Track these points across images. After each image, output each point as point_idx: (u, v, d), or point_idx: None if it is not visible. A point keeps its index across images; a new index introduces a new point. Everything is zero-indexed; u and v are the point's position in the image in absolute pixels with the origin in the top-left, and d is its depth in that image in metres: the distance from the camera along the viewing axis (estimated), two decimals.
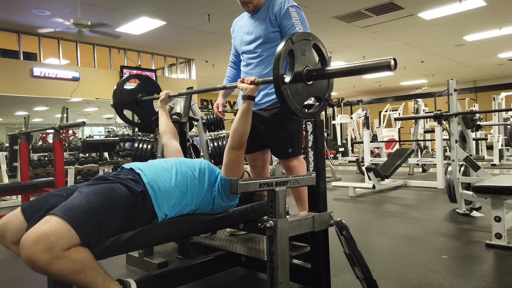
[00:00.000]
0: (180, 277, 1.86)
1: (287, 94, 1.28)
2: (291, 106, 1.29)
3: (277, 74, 1.27)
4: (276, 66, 1.27)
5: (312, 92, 1.40)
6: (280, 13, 2.20)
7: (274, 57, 1.30)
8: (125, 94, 2.39)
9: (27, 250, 1.15)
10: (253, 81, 1.66)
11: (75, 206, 1.27)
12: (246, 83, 1.67)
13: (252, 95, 1.66)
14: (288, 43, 1.32)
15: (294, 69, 1.32)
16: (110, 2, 6.14)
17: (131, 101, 2.40)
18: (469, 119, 3.98)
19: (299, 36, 1.37)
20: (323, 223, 1.58)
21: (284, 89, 1.27)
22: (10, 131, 7.51)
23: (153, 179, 1.52)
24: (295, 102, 1.31)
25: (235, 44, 2.49)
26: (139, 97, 2.41)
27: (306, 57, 1.37)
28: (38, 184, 4.14)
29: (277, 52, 1.30)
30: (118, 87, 2.36)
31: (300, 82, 1.34)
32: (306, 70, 1.35)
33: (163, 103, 2.23)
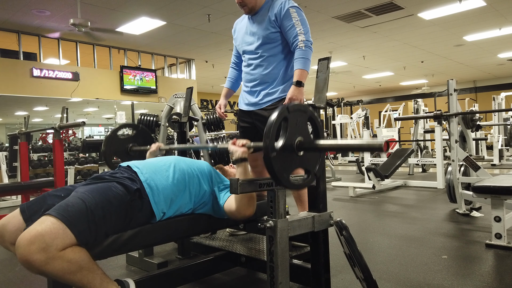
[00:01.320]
0: (180, 277, 1.86)
1: (275, 162, 1.25)
2: (277, 174, 1.26)
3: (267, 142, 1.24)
4: (267, 132, 1.25)
5: (302, 164, 1.37)
6: (281, 14, 2.20)
7: (267, 124, 1.27)
8: (117, 142, 2.37)
9: (22, 250, 1.15)
10: (244, 144, 1.60)
11: (70, 205, 1.27)
12: (237, 145, 1.61)
13: (244, 157, 1.59)
14: (284, 111, 1.30)
15: (286, 138, 1.29)
16: (110, 2, 6.13)
17: (122, 151, 2.37)
18: (469, 119, 3.98)
19: (295, 107, 1.35)
20: (323, 223, 1.58)
21: (273, 156, 1.24)
22: (10, 131, 7.50)
23: (150, 177, 1.52)
24: (283, 171, 1.28)
25: (236, 45, 2.50)
26: (130, 146, 2.38)
27: (300, 128, 1.35)
28: (38, 184, 4.14)
29: (271, 119, 1.27)
30: (111, 134, 2.35)
31: (290, 151, 1.31)
32: (298, 141, 1.33)
33: (152, 155, 2.15)
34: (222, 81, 12.58)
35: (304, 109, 1.39)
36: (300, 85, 2.15)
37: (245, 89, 2.44)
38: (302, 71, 2.16)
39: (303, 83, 2.16)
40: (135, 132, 2.44)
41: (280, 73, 2.30)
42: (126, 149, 2.38)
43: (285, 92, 2.26)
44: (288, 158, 1.31)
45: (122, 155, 2.38)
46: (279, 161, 1.27)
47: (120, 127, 2.46)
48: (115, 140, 2.36)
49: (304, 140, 1.34)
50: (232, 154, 1.60)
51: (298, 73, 2.16)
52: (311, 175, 1.40)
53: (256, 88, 2.35)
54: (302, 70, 2.16)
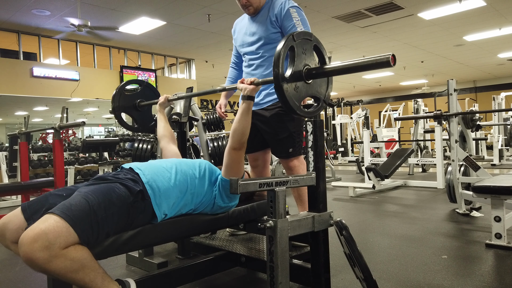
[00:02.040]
0: (180, 277, 1.86)
1: (286, 91, 1.29)
2: (290, 103, 1.30)
3: (278, 71, 1.27)
4: (276, 61, 1.28)
5: (311, 92, 1.40)
6: (281, 14, 2.20)
7: (275, 53, 1.30)
8: (125, 98, 2.40)
9: (26, 248, 1.15)
10: (252, 81, 1.66)
11: (74, 205, 1.27)
12: (245, 83, 1.67)
13: (252, 95, 1.67)
14: (290, 39, 1.32)
15: (294, 66, 1.33)
16: (110, 2, 6.14)
17: (130, 106, 2.41)
18: (469, 119, 3.98)
19: (301, 35, 1.37)
20: (323, 223, 1.58)
21: (284, 86, 1.28)
22: (10, 131, 7.50)
23: (152, 178, 1.52)
24: (294, 99, 1.32)
25: (237, 45, 2.50)
26: (138, 102, 2.42)
27: (307, 56, 1.38)
28: (38, 184, 4.14)
29: (278, 49, 1.30)
30: (118, 91, 2.37)
31: (299, 80, 1.35)
32: (306, 69, 1.36)
33: (161, 107, 2.23)
34: (222, 81, 12.58)
35: (309, 36, 1.41)
36: None
37: None
38: None
39: None
40: (140, 88, 2.46)
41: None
42: (134, 104, 2.41)
43: None
44: (298, 87, 1.34)
45: (131, 110, 2.41)
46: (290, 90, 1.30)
47: (126, 83, 2.48)
48: (122, 97, 2.38)
49: (311, 67, 1.35)
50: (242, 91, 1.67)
51: None
52: (321, 102, 1.42)
53: None
54: None
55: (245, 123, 1.67)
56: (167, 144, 2.10)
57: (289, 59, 1.34)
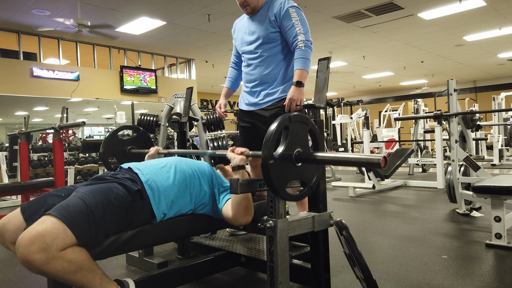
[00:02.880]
0: (180, 277, 1.86)
1: (272, 170, 1.25)
2: (273, 182, 1.25)
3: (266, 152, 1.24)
4: (267, 141, 1.24)
5: (299, 175, 1.37)
6: (280, 14, 2.20)
7: (267, 133, 1.27)
8: (116, 142, 2.38)
9: (22, 250, 1.15)
10: (243, 152, 1.61)
11: (71, 205, 1.27)
12: (236, 153, 1.62)
13: (242, 165, 1.60)
14: (286, 120, 1.30)
15: (286, 148, 1.29)
16: (110, 2, 6.13)
17: (120, 151, 2.38)
18: (469, 119, 3.98)
19: (297, 118, 1.35)
20: (323, 223, 1.58)
21: (271, 164, 1.24)
22: (10, 131, 7.49)
23: (151, 178, 1.52)
24: (279, 180, 1.28)
25: (236, 45, 2.49)
26: (129, 149, 2.39)
27: (300, 139, 1.35)
28: (38, 184, 4.14)
29: (271, 129, 1.27)
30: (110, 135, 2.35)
31: (288, 161, 1.31)
32: (296, 152, 1.33)
33: (150, 158, 2.12)
34: (222, 81, 12.58)
35: (306, 121, 1.39)
36: (300, 85, 2.15)
37: (245, 89, 2.44)
38: (302, 71, 2.16)
39: (303, 83, 2.16)
40: (135, 135, 2.45)
41: (280, 73, 2.29)
42: (124, 150, 2.39)
43: (285, 92, 2.25)
44: (286, 168, 1.30)
45: (120, 156, 2.38)
46: (277, 170, 1.26)
47: (121, 128, 2.47)
48: (114, 140, 2.37)
49: (302, 151, 1.34)
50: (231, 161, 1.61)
51: (298, 73, 2.16)
52: (307, 187, 1.40)
53: (256, 89, 2.35)
54: (302, 70, 2.16)
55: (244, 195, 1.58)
56: None
57: (282, 139, 1.30)
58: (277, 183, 1.27)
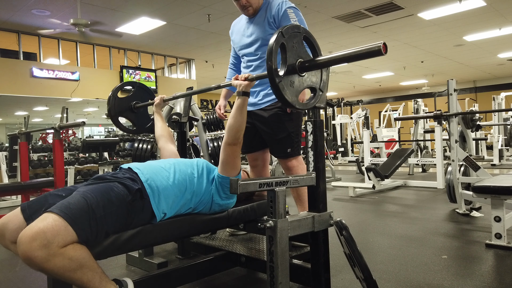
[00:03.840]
0: (180, 277, 1.86)
1: (282, 87, 1.30)
2: (287, 98, 1.31)
3: (271, 67, 1.28)
4: (269, 59, 1.29)
5: (306, 84, 1.42)
6: (279, 15, 2.20)
7: (267, 51, 1.32)
8: (119, 102, 2.39)
9: (24, 247, 1.15)
10: (247, 77, 1.66)
11: (72, 203, 1.28)
12: (240, 79, 1.68)
13: (247, 91, 1.67)
14: (279, 36, 1.33)
15: (287, 62, 1.34)
16: (110, 2, 6.14)
17: (126, 109, 2.41)
18: (469, 119, 3.98)
19: (289, 29, 1.38)
20: (323, 223, 1.58)
21: (279, 82, 1.29)
22: (10, 131, 7.51)
23: (151, 177, 1.52)
24: (290, 94, 1.33)
25: (235, 47, 2.50)
26: (134, 104, 2.42)
27: (298, 49, 1.39)
28: (38, 184, 4.14)
29: (269, 46, 1.31)
30: (112, 95, 2.37)
31: (294, 74, 1.36)
32: (298, 62, 1.37)
33: (158, 108, 2.24)
34: (222, 81, 12.47)
35: (298, 29, 1.42)
36: None
37: None
38: None
39: None
40: (133, 90, 2.46)
41: None
42: (130, 107, 2.41)
43: None
44: (293, 81, 1.35)
45: (128, 113, 2.41)
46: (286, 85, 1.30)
47: (120, 86, 2.48)
48: (117, 101, 2.38)
49: (304, 60, 1.36)
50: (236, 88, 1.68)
51: None
52: (317, 91, 1.43)
53: (255, 89, 2.36)
54: None
55: (241, 119, 1.67)
56: (165, 144, 2.10)
57: (281, 55, 1.35)
58: (290, 97, 1.31)
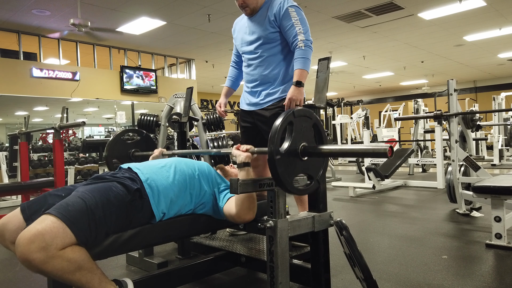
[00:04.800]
0: (180, 277, 1.86)
1: (279, 165, 1.26)
2: (281, 177, 1.26)
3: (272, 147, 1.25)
4: (272, 137, 1.26)
5: (306, 169, 1.38)
6: (280, 14, 2.19)
7: (272, 129, 1.28)
8: (121, 145, 2.39)
9: (22, 249, 1.15)
10: (248, 149, 1.61)
11: (71, 205, 1.27)
12: (241, 150, 1.62)
13: (247, 161, 1.59)
14: (290, 115, 1.31)
15: (291, 142, 1.30)
16: (110, 2, 6.13)
17: (124, 155, 2.39)
18: (469, 119, 3.98)
19: (301, 112, 1.36)
20: (323, 223, 1.58)
21: (278, 159, 1.25)
22: (10, 131, 7.50)
23: (151, 177, 1.52)
24: (286, 175, 1.29)
25: (236, 45, 2.50)
26: (133, 151, 2.40)
27: (304, 134, 1.36)
28: (38, 184, 4.14)
29: (276, 124, 1.28)
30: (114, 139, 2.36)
31: (295, 156, 1.32)
32: (302, 146, 1.34)
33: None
34: (222, 81, 12.58)
35: (309, 115, 1.41)
36: (300, 85, 2.15)
37: (246, 89, 2.44)
38: (302, 71, 2.16)
39: (303, 83, 2.16)
40: (138, 138, 2.46)
41: (281, 73, 2.29)
42: (128, 154, 2.40)
43: (285, 92, 2.25)
44: (292, 163, 1.32)
45: (124, 160, 2.39)
46: (283, 165, 1.27)
47: (124, 132, 2.48)
48: (118, 144, 2.38)
49: (308, 145, 1.34)
50: (236, 159, 1.61)
51: (298, 73, 2.15)
52: (314, 181, 1.41)
53: (257, 89, 2.35)
54: (302, 70, 2.15)
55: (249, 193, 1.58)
56: None
57: (287, 134, 1.32)
58: (285, 178, 1.28)
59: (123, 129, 2.47)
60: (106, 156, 2.35)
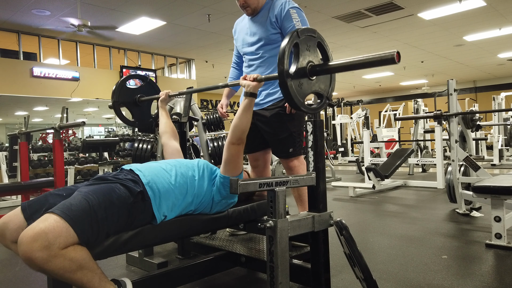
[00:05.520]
0: (180, 277, 1.86)
1: (291, 87, 1.30)
2: (294, 99, 1.31)
3: (282, 67, 1.29)
4: (281, 58, 1.29)
5: (315, 88, 1.42)
6: (281, 15, 2.19)
7: (280, 49, 1.31)
8: (125, 93, 2.39)
9: (25, 247, 1.15)
10: (255, 78, 1.67)
11: (74, 204, 1.27)
12: (248, 79, 1.68)
13: (254, 92, 1.67)
14: (295, 36, 1.33)
15: (298, 63, 1.33)
16: (110, 2, 6.14)
17: (130, 101, 2.41)
18: (469, 119, 3.98)
19: (305, 31, 1.38)
20: (323, 223, 1.58)
21: (289, 82, 1.29)
22: (10, 131, 7.51)
23: (153, 180, 1.52)
24: (299, 96, 1.33)
25: (237, 46, 2.50)
26: (138, 97, 2.41)
27: (311, 52, 1.39)
28: (38, 184, 4.14)
29: (282, 45, 1.31)
30: (119, 84, 2.37)
31: (303, 77, 1.36)
32: (310, 65, 1.37)
33: (163, 103, 2.23)
34: (222, 81, 12.58)
35: (313, 33, 1.42)
36: None
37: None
38: None
39: None
40: (143, 84, 2.45)
41: None
42: (134, 99, 2.40)
43: None
44: (302, 83, 1.35)
45: (131, 105, 2.40)
46: (294, 86, 1.31)
47: (128, 77, 2.47)
48: (123, 91, 2.37)
49: (315, 64, 1.36)
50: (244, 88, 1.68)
51: None
52: (324, 99, 1.43)
53: None
54: None
55: (246, 120, 1.68)
56: (168, 140, 2.10)
57: (294, 55, 1.35)
58: (298, 99, 1.32)
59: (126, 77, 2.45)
60: (113, 102, 2.35)
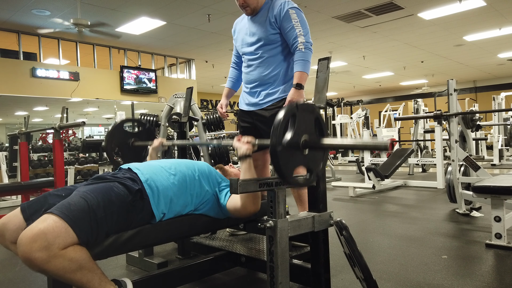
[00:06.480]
0: (180, 277, 1.86)
1: (281, 157, 1.28)
2: (282, 168, 1.28)
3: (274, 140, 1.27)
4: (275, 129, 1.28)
5: (306, 162, 1.39)
6: (280, 15, 2.19)
7: (275, 121, 1.30)
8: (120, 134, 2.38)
9: (24, 248, 1.15)
10: (249, 141, 1.62)
11: (73, 204, 1.27)
12: (242, 142, 1.63)
13: (249, 154, 1.61)
14: (293, 108, 1.33)
15: (293, 135, 1.32)
16: (110, 2, 6.13)
17: (124, 143, 2.37)
18: (469, 119, 3.98)
19: (304, 106, 1.38)
20: (323, 223, 1.58)
21: (279, 151, 1.27)
22: (10, 131, 7.50)
23: (151, 177, 1.52)
24: (287, 167, 1.31)
25: (236, 46, 2.49)
26: (132, 141, 2.39)
27: (307, 127, 1.38)
28: (38, 184, 4.14)
29: (279, 117, 1.30)
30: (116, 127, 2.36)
31: (296, 149, 1.34)
32: (304, 139, 1.35)
33: (154, 151, 2.16)
34: (222, 81, 12.58)
35: (312, 109, 1.42)
36: (300, 87, 2.15)
37: (245, 90, 2.44)
38: (302, 73, 2.16)
39: (303, 85, 2.16)
40: (140, 129, 2.45)
41: (281, 74, 2.29)
42: (128, 143, 2.39)
43: (285, 92, 2.25)
44: (293, 155, 1.33)
45: (124, 148, 2.38)
46: (284, 157, 1.29)
47: (125, 120, 2.47)
48: (118, 132, 2.36)
49: (309, 139, 1.36)
50: (237, 151, 1.63)
51: (298, 75, 2.15)
52: (313, 174, 1.41)
53: (256, 89, 2.35)
54: (301, 72, 2.15)
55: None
56: None
57: (289, 126, 1.33)
58: (285, 169, 1.30)
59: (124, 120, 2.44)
60: (106, 144, 2.33)
